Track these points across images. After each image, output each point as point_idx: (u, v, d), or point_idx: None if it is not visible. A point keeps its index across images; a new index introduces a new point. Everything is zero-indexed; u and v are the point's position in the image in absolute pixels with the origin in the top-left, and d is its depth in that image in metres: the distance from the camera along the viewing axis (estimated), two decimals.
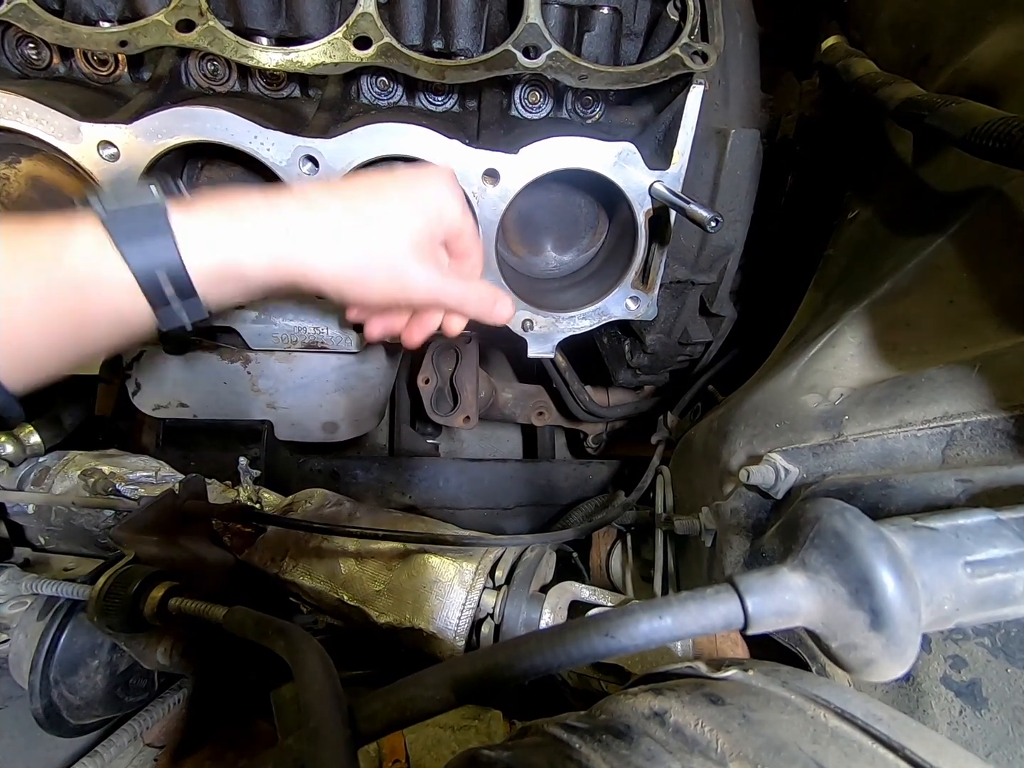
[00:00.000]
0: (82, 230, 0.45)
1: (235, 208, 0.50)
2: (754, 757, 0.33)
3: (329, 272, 0.54)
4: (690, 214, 0.71)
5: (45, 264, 0.44)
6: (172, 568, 0.82)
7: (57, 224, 0.45)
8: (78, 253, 0.44)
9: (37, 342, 0.45)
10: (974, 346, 0.55)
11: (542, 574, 0.88)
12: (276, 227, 0.51)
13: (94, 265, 0.45)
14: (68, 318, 0.45)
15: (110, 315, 0.47)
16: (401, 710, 0.35)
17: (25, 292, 0.43)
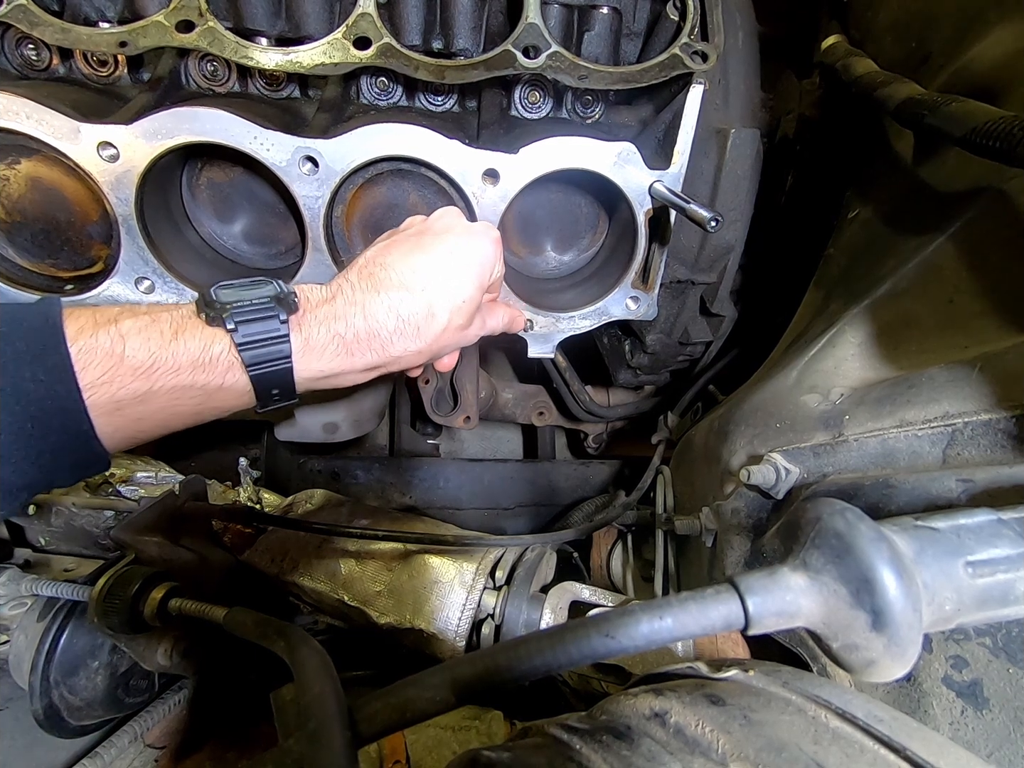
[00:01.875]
0: (218, 348, 0.52)
1: (336, 324, 0.57)
2: (755, 758, 0.33)
3: (409, 362, 0.63)
4: (690, 214, 0.71)
5: (182, 376, 0.50)
6: (172, 569, 0.82)
7: (198, 338, 0.51)
8: (214, 371, 0.52)
9: (150, 428, 0.53)
10: (975, 346, 0.55)
11: (542, 574, 0.88)
12: (371, 336, 0.58)
13: (223, 379, 0.53)
14: (184, 413, 0.53)
15: (220, 410, 0.56)
16: (401, 711, 0.35)
17: (160, 392, 0.50)
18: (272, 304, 0.53)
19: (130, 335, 0.48)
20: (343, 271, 0.62)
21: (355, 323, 0.57)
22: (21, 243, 0.79)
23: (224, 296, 0.53)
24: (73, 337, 0.46)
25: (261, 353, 0.53)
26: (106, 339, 0.47)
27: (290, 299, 0.55)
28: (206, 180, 0.84)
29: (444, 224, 0.66)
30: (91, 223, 0.79)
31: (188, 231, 0.85)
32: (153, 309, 0.52)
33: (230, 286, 0.55)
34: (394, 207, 0.84)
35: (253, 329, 0.52)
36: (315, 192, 0.75)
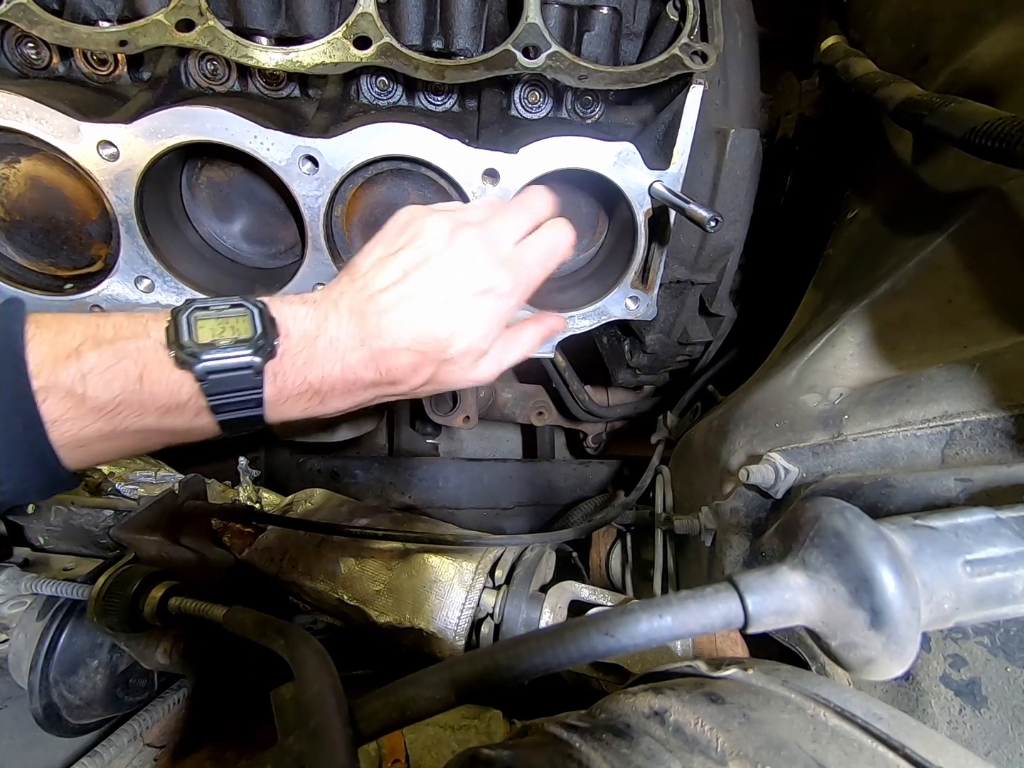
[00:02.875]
0: (186, 394, 0.49)
1: (312, 370, 0.54)
2: (754, 756, 0.33)
3: (389, 399, 0.61)
4: (690, 214, 0.71)
5: (148, 419, 0.49)
6: (172, 568, 0.82)
7: (165, 382, 0.48)
8: (181, 416, 0.50)
9: (119, 456, 0.52)
10: (974, 345, 0.55)
11: (542, 574, 0.88)
12: (347, 387, 0.56)
13: (191, 423, 0.51)
14: (152, 446, 0.52)
15: (189, 440, 0.53)
16: (401, 710, 0.35)
17: (126, 431, 0.48)
18: (248, 353, 0.50)
19: (92, 375, 0.46)
20: (338, 286, 0.58)
21: (332, 373, 0.54)
22: (21, 242, 0.79)
23: (198, 333, 0.49)
24: (33, 371, 0.44)
25: (232, 403, 0.51)
26: (66, 377, 0.45)
27: (269, 340, 0.51)
28: (206, 179, 0.84)
29: (456, 270, 0.58)
30: (91, 222, 0.79)
31: (188, 230, 0.85)
32: (118, 336, 0.48)
33: (205, 309, 0.51)
34: (394, 207, 0.83)
35: (225, 379, 0.49)
36: (315, 191, 0.75)
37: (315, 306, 0.56)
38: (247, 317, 0.51)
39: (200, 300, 0.52)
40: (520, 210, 0.64)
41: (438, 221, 0.61)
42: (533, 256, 0.63)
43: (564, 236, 0.65)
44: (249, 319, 0.51)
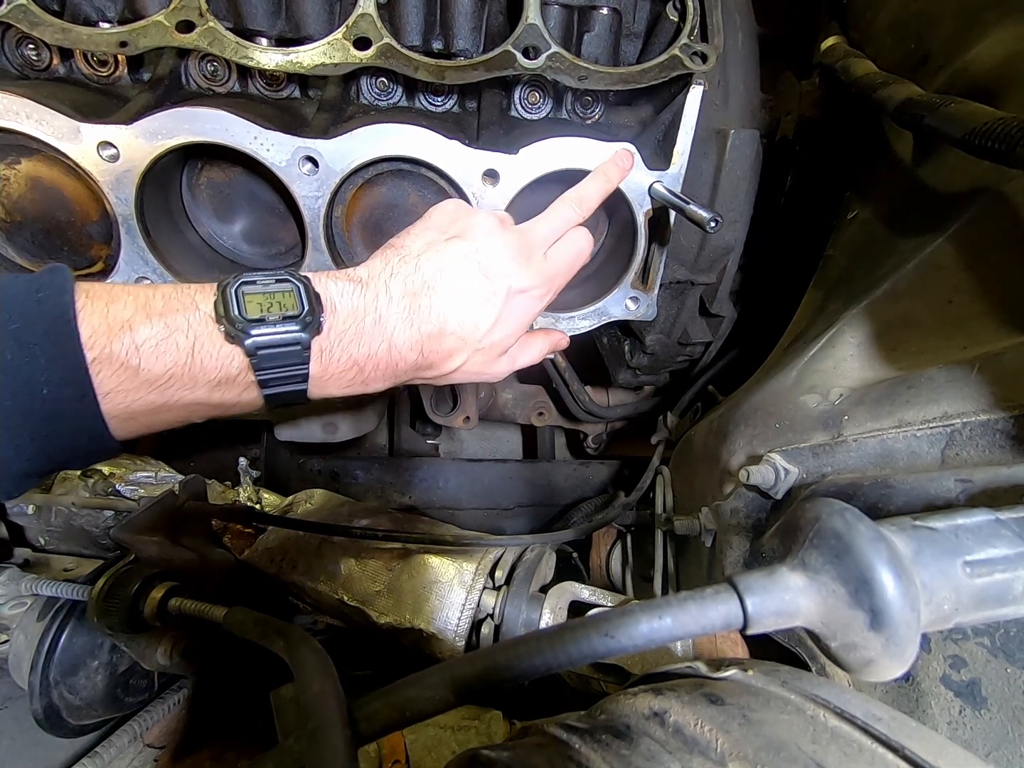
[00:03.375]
0: (235, 368, 0.50)
1: (359, 348, 0.55)
2: (754, 757, 0.33)
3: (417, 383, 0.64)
4: (689, 214, 0.71)
5: (198, 392, 0.49)
6: (172, 569, 0.82)
7: (216, 356, 0.49)
8: (230, 390, 0.51)
9: (163, 427, 0.52)
10: (973, 346, 0.55)
11: (542, 574, 0.88)
12: (389, 367, 0.57)
13: (239, 397, 0.52)
14: (197, 417, 0.53)
15: (231, 415, 0.54)
16: (401, 710, 0.35)
17: (176, 405, 0.49)
18: (295, 329, 0.50)
19: (145, 347, 0.46)
20: (386, 265, 0.58)
21: (378, 352, 0.55)
22: (21, 243, 0.79)
23: (247, 308, 0.50)
24: (86, 342, 0.44)
25: (278, 378, 0.52)
26: (120, 349, 0.45)
27: (316, 316, 0.52)
28: (206, 180, 0.84)
29: (502, 265, 0.61)
30: (91, 223, 0.79)
31: (188, 231, 0.85)
32: (168, 308, 0.48)
33: (252, 283, 0.51)
34: (394, 207, 0.84)
35: (273, 354, 0.50)
36: (315, 192, 0.75)
37: (363, 284, 0.56)
38: (293, 292, 0.52)
39: (245, 274, 0.52)
40: (554, 218, 0.68)
41: (487, 219, 0.64)
42: (563, 262, 0.67)
43: (587, 243, 0.70)
44: (295, 294, 0.52)
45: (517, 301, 0.63)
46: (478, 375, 0.65)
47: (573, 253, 0.68)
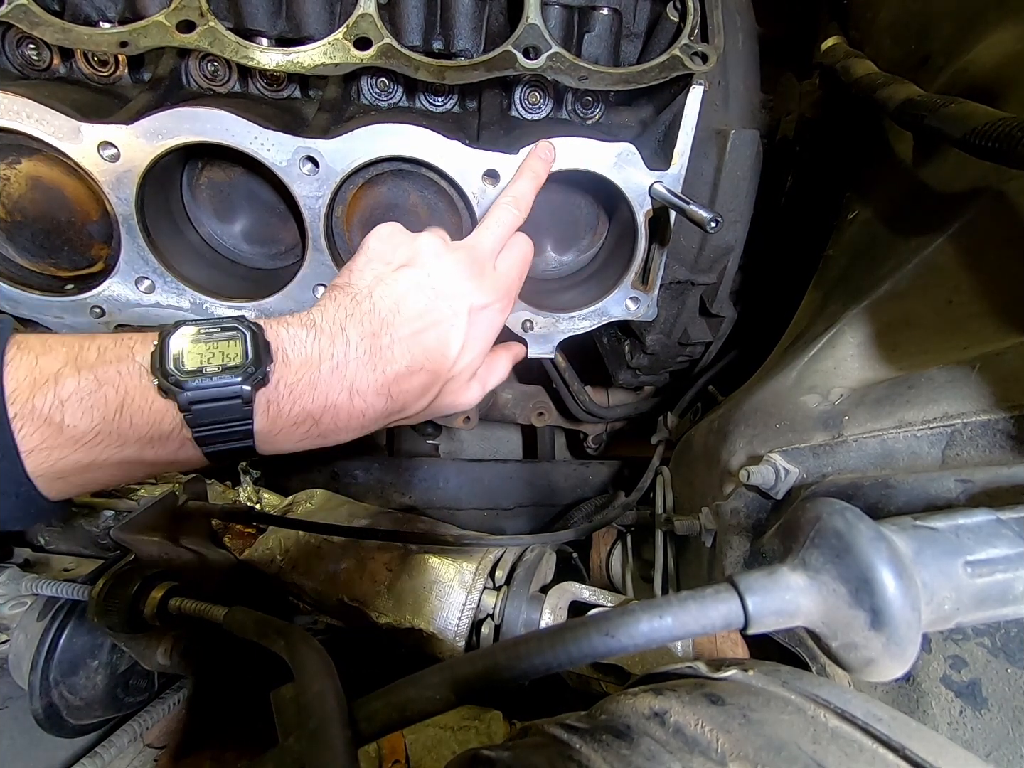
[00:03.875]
0: (168, 425, 0.47)
1: (313, 399, 0.51)
2: (754, 757, 0.33)
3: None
4: (690, 215, 0.71)
5: (128, 450, 0.46)
6: (172, 569, 0.82)
7: (147, 412, 0.46)
8: (164, 448, 0.47)
9: (103, 486, 0.49)
10: (974, 346, 0.55)
11: (542, 574, 0.88)
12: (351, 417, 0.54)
13: (175, 455, 0.49)
14: (137, 476, 0.50)
15: (172, 469, 0.52)
16: (401, 710, 0.35)
17: (107, 463, 0.46)
18: (236, 381, 0.47)
19: (70, 402, 0.43)
20: (340, 307, 0.55)
21: (337, 402, 0.51)
22: (21, 243, 0.79)
23: (186, 359, 0.47)
24: (9, 396, 0.41)
25: (218, 435, 0.48)
26: (43, 404, 0.42)
27: (260, 367, 0.48)
28: (206, 180, 0.84)
29: (458, 285, 0.59)
30: (91, 223, 0.79)
31: (188, 231, 0.85)
32: (102, 359, 0.45)
33: (196, 331, 0.48)
34: (394, 207, 0.84)
35: (210, 408, 0.46)
36: (315, 192, 0.75)
37: (317, 330, 0.53)
38: (238, 341, 0.49)
39: (191, 321, 0.49)
40: (498, 226, 0.66)
41: (430, 240, 0.62)
42: (514, 270, 0.66)
43: (530, 247, 0.70)
44: (240, 343, 0.48)
45: (480, 319, 0.61)
46: (452, 407, 0.63)
47: (520, 259, 0.67)
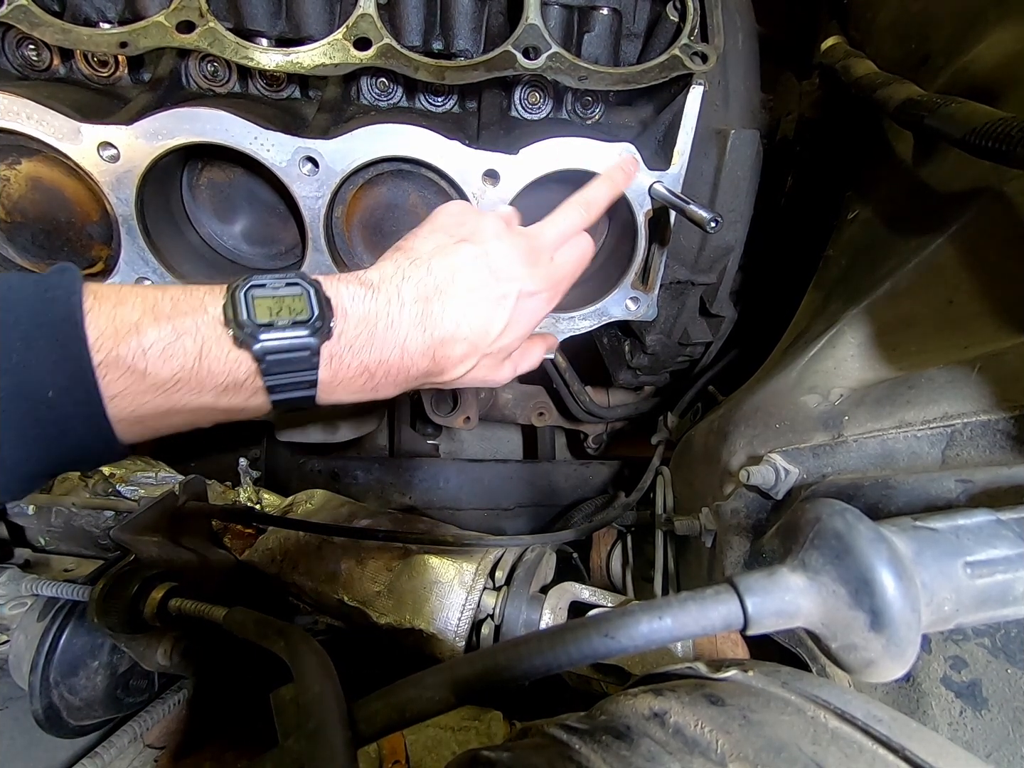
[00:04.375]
0: (243, 373, 0.49)
1: (370, 354, 0.54)
2: (754, 758, 0.33)
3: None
4: (690, 215, 0.71)
5: (205, 397, 0.48)
6: (172, 569, 0.82)
7: (223, 360, 0.48)
8: (237, 396, 0.50)
9: (170, 430, 0.51)
10: (974, 346, 0.55)
11: (542, 575, 0.88)
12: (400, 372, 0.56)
13: (246, 403, 0.51)
14: (204, 422, 0.52)
15: (237, 419, 0.53)
16: (401, 711, 0.35)
17: (183, 409, 0.48)
18: (305, 334, 0.49)
19: (152, 351, 0.45)
20: (397, 269, 0.57)
21: (390, 358, 0.54)
22: (21, 243, 0.79)
23: (256, 311, 0.49)
24: (92, 345, 0.43)
25: (286, 384, 0.51)
26: (127, 352, 0.44)
27: (326, 322, 0.50)
28: (206, 180, 0.84)
29: (512, 268, 0.61)
30: (91, 223, 0.79)
31: (188, 231, 0.85)
32: (176, 311, 0.47)
33: (262, 287, 0.50)
34: (394, 207, 0.84)
35: (282, 359, 0.49)
36: (315, 192, 0.75)
37: (374, 288, 0.55)
38: (303, 296, 0.51)
39: (255, 277, 0.51)
40: (562, 222, 0.68)
41: (495, 221, 0.63)
42: (569, 266, 0.67)
43: (591, 248, 0.70)
44: (305, 298, 0.51)
45: (526, 304, 0.62)
46: (483, 380, 0.65)
47: (578, 257, 0.68)
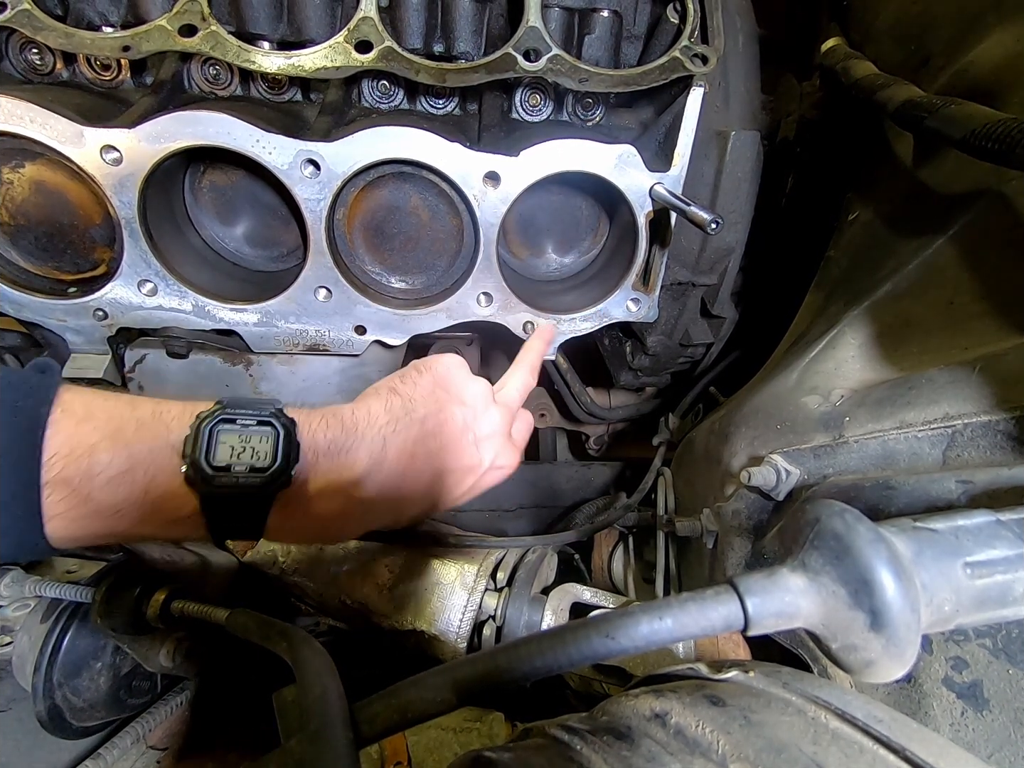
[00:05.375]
0: (188, 510, 0.47)
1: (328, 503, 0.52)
2: (755, 758, 0.33)
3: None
4: (690, 216, 0.71)
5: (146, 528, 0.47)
6: (175, 571, 0.82)
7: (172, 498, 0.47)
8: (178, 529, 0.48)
9: (99, 544, 0.51)
10: (974, 347, 0.55)
11: (544, 576, 0.88)
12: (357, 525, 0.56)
13: (186, 533, 0.49)
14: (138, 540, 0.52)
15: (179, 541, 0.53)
16: (403, 712, 0.35)
17: (121, 535, 0.47)
18: (258, 483, 0.48)
19: (100, 478, 0.44)
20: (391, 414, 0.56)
21: (351, 512, 0.53)
22: (25, 246, 0.80)
23: (217, 451, 0.47)
24: (47, 463, 0.42)
25: (231, 526, 0.49)
26: (75, 475, 0.43)
27: (287, 470, 0.49)
28: (208, 183, 0.85)
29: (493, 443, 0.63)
30: (94, 226, 0.80)
31: (190, 234, 0.85)
32: (138, 437, 0.46)
33: (232, 422, 0.48)
34: (396, 210, 0.85)
35: (229, 504, 0.48)
36: (317, 195, 0.75)
37: (357, 435, 0.54)
38: (270, 438, 0.49)
39: (230, 407, 0.49)
40: (523, 388, 0.72)
41: (483, 388, 0.65)
42: (523, 443, 0.72)
43: (531, 422, 0.75)
44: (272, 440, 0.49)
45: (489, 477, 0.64)
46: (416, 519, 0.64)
47: (528, 432, 0.73)
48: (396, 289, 0.90)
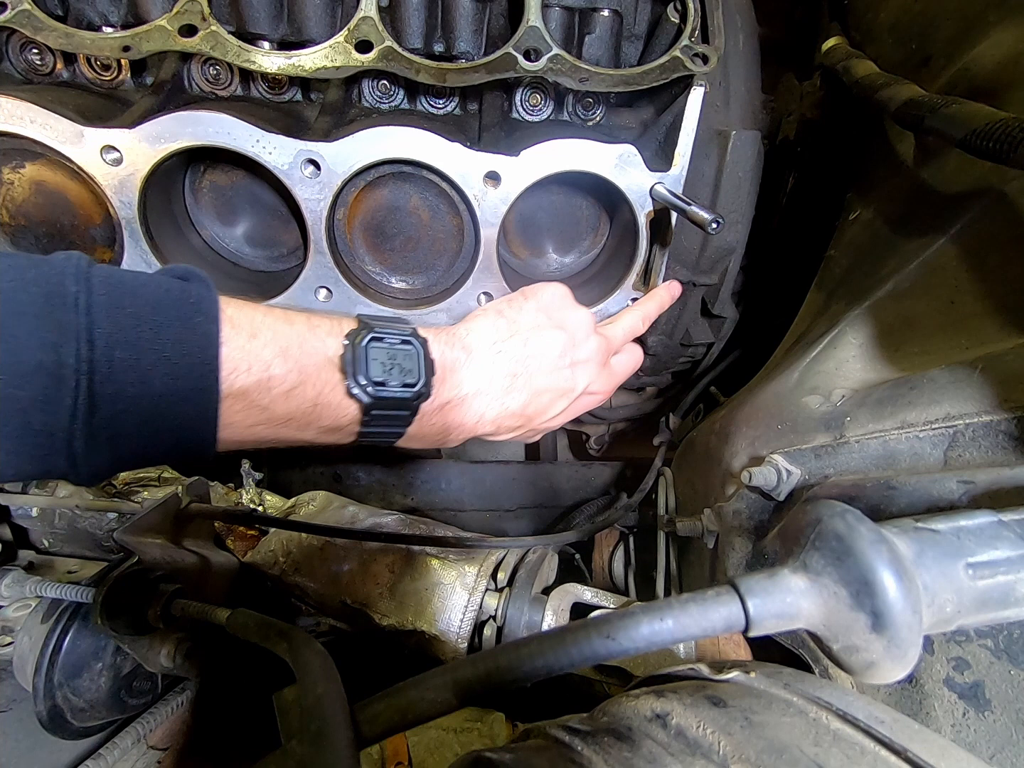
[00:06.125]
0: (346, 419, 0.53)
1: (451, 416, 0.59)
2: (756, 759, 0.33)
3: None
4: (691, 216, 0.71)
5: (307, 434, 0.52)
6: (176, 571, 0.82)
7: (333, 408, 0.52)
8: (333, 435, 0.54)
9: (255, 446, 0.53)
10: (976, 347, 0.55)
11: (544, 576, 0.88)
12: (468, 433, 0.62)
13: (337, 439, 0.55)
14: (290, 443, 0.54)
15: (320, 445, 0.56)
16: (403, 712, 0.35)
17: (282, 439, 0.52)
18: (410, 396, 0.54)
19: (277, 391, 0.48)
20: (497, 333, 0.63)
21: (466, 422, 0.59)
22: (25, 246, 0.80)
23: (371, 368, 0.52)
24: (224, 378, 0.45)
25: (379, 432, 0.55)
26: (255, 389, 0.47)
27: (429, 386, 0.55)
28: (208, 183, 0.85)
29: (589, 368, 0.67)
30: (94, 226, 0.80)
31: (191, 234, 0.85)
32: (303, 352, 0.50)
33: (380, 340, 0.53)
34: (396, 210, 0.85)
35: (385, 415, 0.53)
36: (317, 195, 0.75)
37: (471, 354, 0.60)
38: (413, 356, 0.55)
39: (376, 327, 0.54)
40: (629, 328, 0.76)
41: (587, 317, 0.69)
42: (624, 374, 0.77)
43: (641, 357, 0.80)
44: (415, 358, 0.55)
45: (584, 401, 0.69)
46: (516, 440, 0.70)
47: (632, 366, 0.78)
48: (396, 289, 0.90)
